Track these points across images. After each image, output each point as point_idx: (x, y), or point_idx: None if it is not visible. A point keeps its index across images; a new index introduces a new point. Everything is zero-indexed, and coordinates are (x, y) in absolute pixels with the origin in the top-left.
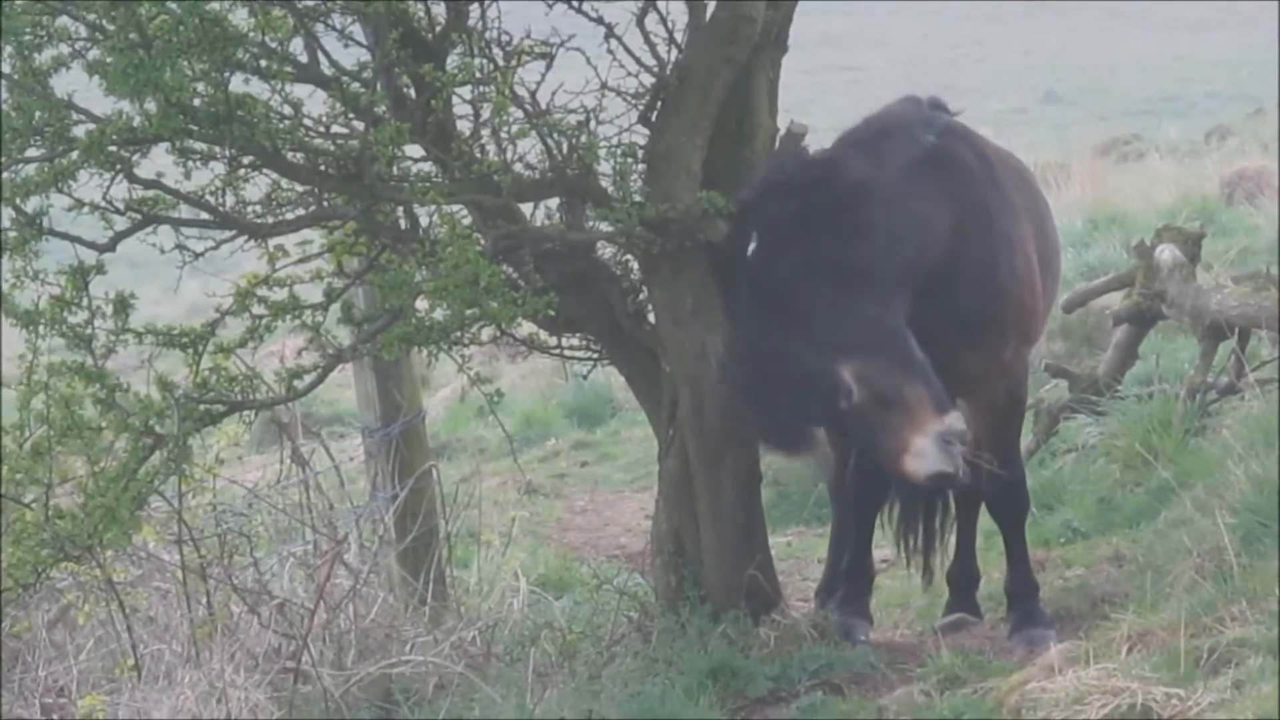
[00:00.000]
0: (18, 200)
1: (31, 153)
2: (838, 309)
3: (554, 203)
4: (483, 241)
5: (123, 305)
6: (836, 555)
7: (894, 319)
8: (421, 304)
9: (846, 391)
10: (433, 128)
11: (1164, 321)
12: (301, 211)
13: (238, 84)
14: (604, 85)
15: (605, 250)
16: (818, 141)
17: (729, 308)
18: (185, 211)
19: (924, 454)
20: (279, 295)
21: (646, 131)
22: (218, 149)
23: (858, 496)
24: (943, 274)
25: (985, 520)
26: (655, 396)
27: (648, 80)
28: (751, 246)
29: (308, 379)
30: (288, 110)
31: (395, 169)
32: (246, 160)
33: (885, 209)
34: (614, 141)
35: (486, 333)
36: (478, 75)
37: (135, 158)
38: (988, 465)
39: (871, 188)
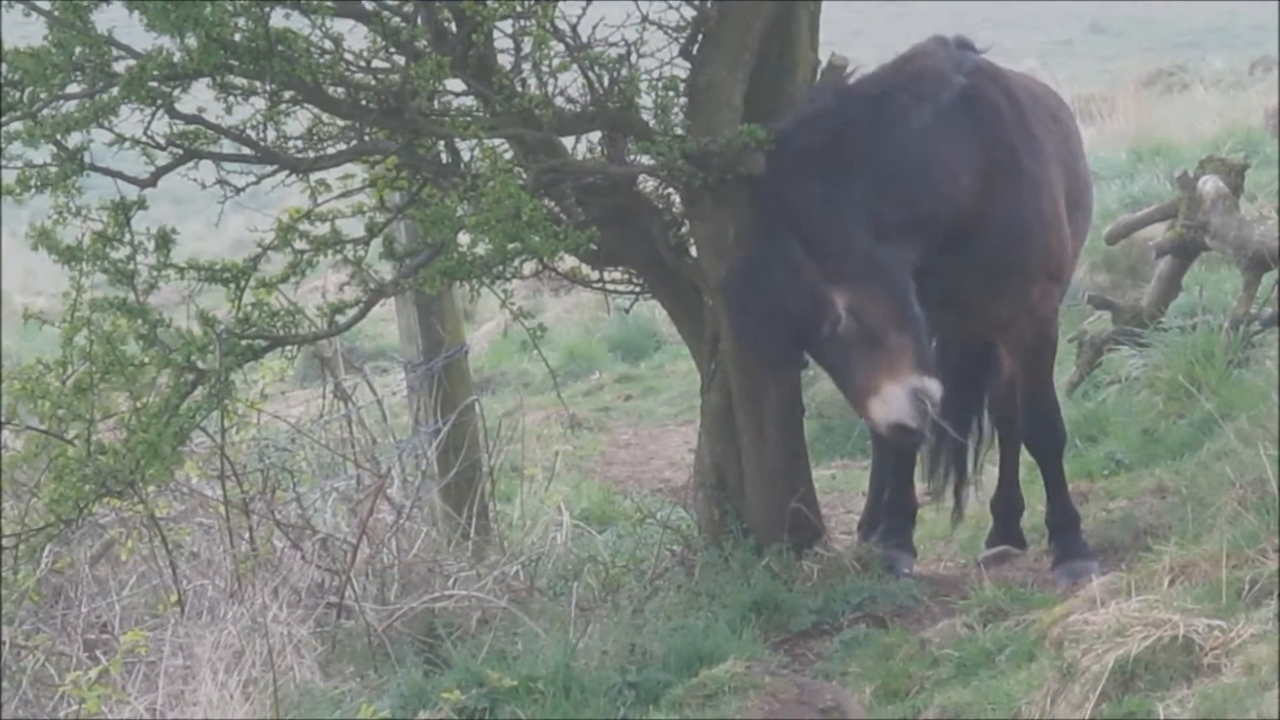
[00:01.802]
0: (59, 136)
1: (72, 89)
2: (848, 241)
3: (595, 136)
4: (524, 175)
5: (165, 240)
6: (878, 488)
7: (902, 268)
8: (463, 238)
9: (835, 318)
10: (474, 61)
11: (1207, 253)
12: (343, 146)
13: (278, 19)
14: (645, 18)
15: (647, 184)
16: (860, 75)
17: (748, 226)
18: (227, 146)
19: (891, 401)
20: (321, 230)
21: (688, 65)
22: (258, 84)
23: None
24: (969, 219)
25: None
26: (698, 330)
27: (689, 13)
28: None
29: (350, 314)
30: (328, 45)
31: (436, 103)
32: (287, 95)
33: (908, 160)
34: (655, 75)
35: (528, 267)
36: (518, 9)
37: (176, 93)
38: (950, 430)
39: (900, 135)
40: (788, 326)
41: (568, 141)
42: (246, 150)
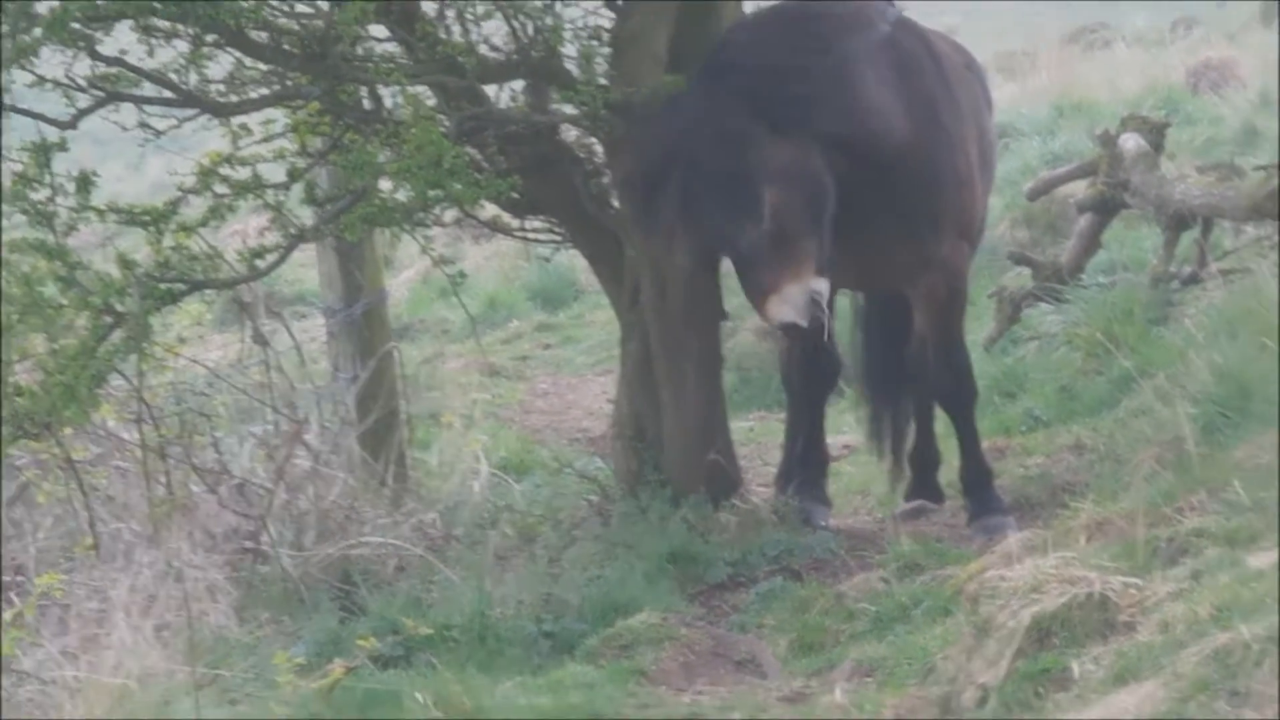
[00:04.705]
0: None
1: None
2: (786, 141)
3: (518, 85)
4: (446, 123)
5: (85, 183)
6: (793, 442)
7: (827, 176)
8: (385, 185)
9: (759, 216)
10: (397, 8)
11: (1127, 210)
12: (265, 91)
13: None
14: None
15: (569, 133)
16: None
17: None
18: (149, 89)
19: (791, 300)
20: (242, 174)
21: (612, 14)
22: (181, 27)
23: (804, 383)
24: (890, 163)
25: None
26: (618, 280)
27: None
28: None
29: (270, 259)
30: None
31: (359, 49)
32: (210, 39)
33: (849, 76)
34: (579, 24)
35: (450, 214)
36: None
37: (98, 35)
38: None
39: (838, 53)
40: (710, 216)
41: (491, 90)
42: (168, 93)
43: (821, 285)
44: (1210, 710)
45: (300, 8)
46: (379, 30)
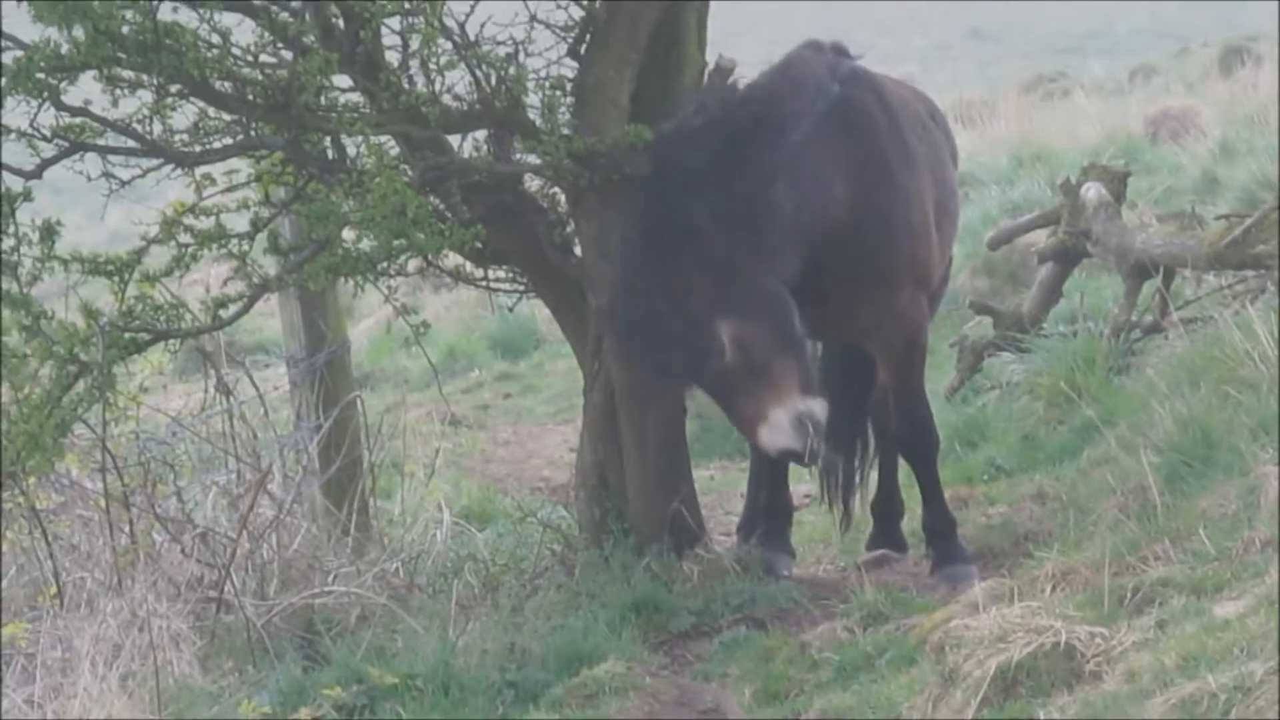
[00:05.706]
0: None
1: None
2: (728, 268)
3: (482, 135)
4: (410, 172)
5: (49, 232)
6: (755, 491)
7: (785, 293)
8: (348, 234)
9: (720, 351)
10: (361, 58)
11: (1089, 259)
12: (229, 140)
13: (166, 12)
14: (533, 17)
15: (532, 183)
16: (745, 76)
17: (625, 242)
18: (112, 139)
19: (779, 427)
20: (205, 224)
21: (575, 64)
22: (145, 77)
23: None
24: (841, 227)
25: None
26: (581, 329)
27: (577, 13)
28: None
29: (233, 308)
30: (216, 39)
31: (323, 99)
32: (174, 89)
33: (788, 175)
34: (542, 74)
35: (413, 264)
36: (406, 5)
37: (63, 85)
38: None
39: (778, 154)
40: (673, 358)
41: (454, 139)
42: (132, 143)
43: (812, 404)
44: None
45: (264, 58)
46: (342, 80)
